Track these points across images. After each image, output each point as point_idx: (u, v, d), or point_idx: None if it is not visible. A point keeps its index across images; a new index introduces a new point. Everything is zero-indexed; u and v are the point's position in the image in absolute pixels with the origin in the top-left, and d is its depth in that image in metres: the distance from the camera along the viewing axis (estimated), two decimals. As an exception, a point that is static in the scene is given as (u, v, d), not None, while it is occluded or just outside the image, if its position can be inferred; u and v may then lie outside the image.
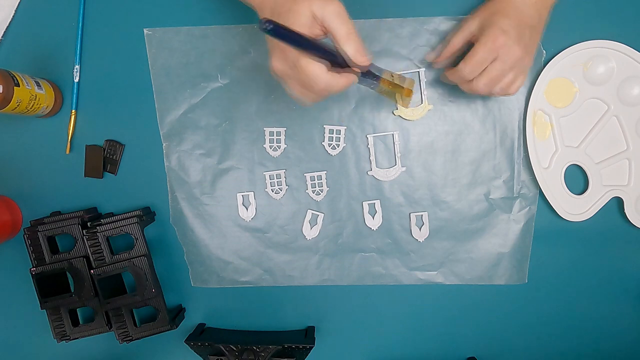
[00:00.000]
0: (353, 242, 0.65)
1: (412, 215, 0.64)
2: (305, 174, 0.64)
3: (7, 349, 0.68)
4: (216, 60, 0.63)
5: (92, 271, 0.59)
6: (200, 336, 0.64)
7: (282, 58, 0.45)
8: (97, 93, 0.64)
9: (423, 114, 0.62)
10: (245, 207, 0.65)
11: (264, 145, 0.64)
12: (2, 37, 0.63)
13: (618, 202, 0.63)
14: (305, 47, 0.43)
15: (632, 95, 0.60)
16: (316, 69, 0.43)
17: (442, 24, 0.61)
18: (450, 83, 0.58)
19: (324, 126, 0.63)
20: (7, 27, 0.63)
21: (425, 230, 0.64)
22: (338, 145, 0.63)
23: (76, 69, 0.63)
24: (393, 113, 0.63)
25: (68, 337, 0.62)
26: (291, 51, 0.43)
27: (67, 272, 0.60)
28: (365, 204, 0.64)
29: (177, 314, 0.64)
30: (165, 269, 0.66)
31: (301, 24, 0.43)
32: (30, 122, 0.64)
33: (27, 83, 0.57)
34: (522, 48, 0.50)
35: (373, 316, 0.66)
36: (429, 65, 0.62)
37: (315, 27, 0.44)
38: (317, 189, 0.64)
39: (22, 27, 0.64)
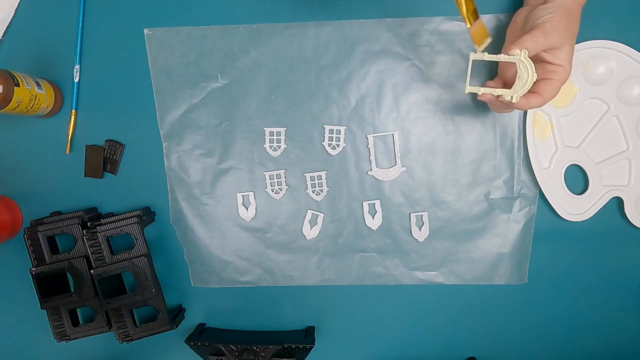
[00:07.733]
0: (353, 242, 0.65)
1: (412, 215, 0.64)
2: (305, 174, 0.64)
3: (7, 349, 0.68)
4: (216, 60, 0.63)
5: (92, 271, 0.59)
6: (200, 336, 0.64)
7: None
8: (97, 93, 0.64)
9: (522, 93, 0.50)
10: (245, 207, 0.65)
11: (264, 145, 0.64)
12: (2, 37, 0.63)
13: (618, 202, 0.63)
14: None
15: (632, 95, 0.60)
16: None
17: (442, 24, 0.61)
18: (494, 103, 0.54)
19: (324, 126, 0.63)
20: (7, 27, 0.63)
21: (425, 230, 0.64)
22: (338, 145, 0.63)
23: (76, 69, 0.63)
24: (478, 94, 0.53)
25: (68, 337, 0.62)
26: None
27: (67, 272, 0.60)
28: (365, 204, 0.64)
29: (177, 314, 0.64)
30: (165, 269, 0.66)
31: None
32: (30, 122, 0.64)
33: (27, 83, 0.57)
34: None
35: (373, 316, 0.66)
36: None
37: None
38: (317, 189, 0.64)
39: (22, 27, 0.64)
